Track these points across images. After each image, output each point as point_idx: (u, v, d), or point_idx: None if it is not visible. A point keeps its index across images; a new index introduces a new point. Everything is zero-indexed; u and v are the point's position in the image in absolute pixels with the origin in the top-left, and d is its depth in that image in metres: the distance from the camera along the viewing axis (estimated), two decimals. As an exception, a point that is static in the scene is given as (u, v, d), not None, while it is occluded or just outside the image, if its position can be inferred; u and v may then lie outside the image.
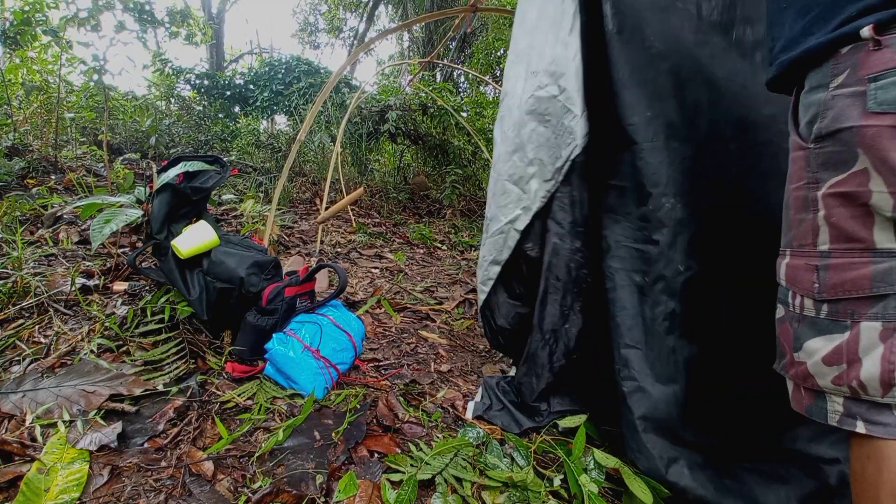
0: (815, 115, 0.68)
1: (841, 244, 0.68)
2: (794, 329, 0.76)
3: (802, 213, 0.73)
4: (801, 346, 0.74)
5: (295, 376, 1.34)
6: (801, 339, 0.74)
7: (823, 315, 0.71)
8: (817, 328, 0.72)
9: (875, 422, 0.67)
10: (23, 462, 0.96)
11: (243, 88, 8.00)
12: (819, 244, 0.71)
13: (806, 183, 0.71)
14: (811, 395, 0.75)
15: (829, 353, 0.69)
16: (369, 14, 11.89)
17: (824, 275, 0.69)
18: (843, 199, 0.66)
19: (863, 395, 0.67)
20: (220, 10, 11.92)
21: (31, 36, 3.30)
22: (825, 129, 0.66)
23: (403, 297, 2.47)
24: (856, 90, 0.62)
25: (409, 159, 6.13)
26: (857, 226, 0.65)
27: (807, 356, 0.73)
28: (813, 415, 0.75)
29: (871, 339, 0.65)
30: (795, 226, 0.75)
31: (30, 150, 3.44)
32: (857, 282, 0.66)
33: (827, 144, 0.67)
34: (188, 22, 4.15)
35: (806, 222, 0.72)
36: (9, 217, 2.15)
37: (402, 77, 9.84)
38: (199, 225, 1.55)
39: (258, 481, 0.99)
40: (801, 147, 0.72)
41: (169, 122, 5.43)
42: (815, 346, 0.72)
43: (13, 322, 1.44)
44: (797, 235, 0.75)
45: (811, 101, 0.69)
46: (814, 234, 0.71)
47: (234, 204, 3.43)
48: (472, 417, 1.34)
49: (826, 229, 0.69)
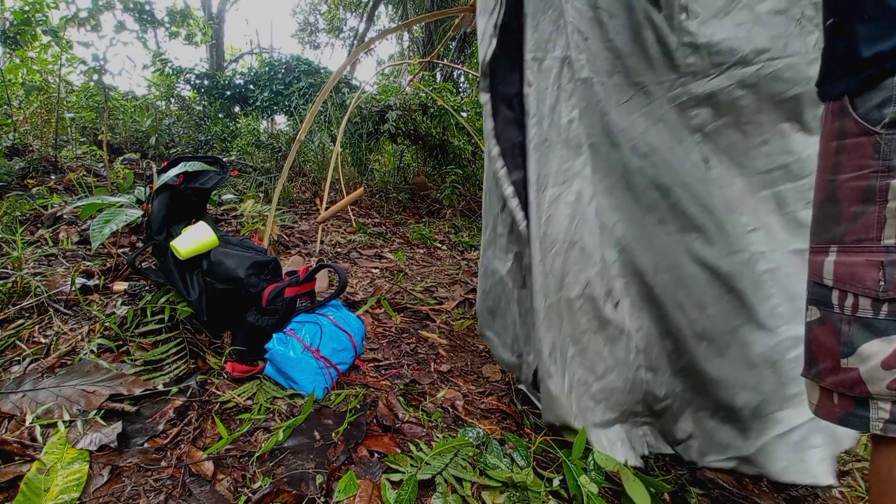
0: (889, 97, 0.63)
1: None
2: (844, 333, 0.70)
3: (861, 205, 0.67)
4: (853, 350, 0.69)
5: (295, 376, 1.34)
6: (855, 343, 0.69)
7: (884, 315, 0.66)
8: (875, 330, 0.67)
9: None
10: (23, 462, 0.96)
11: (243, 88, 7.99)
12: (885, 238, 0.65)
13: (871, 171, 0.66)
14: (850, 403, 0.71)
15: (890, 355, 0.65)
16: (369, 14, 11.89)
17: (892, 271, 0.64)
18: None
19: None
20: (220, 10, 11.92)
21: (31, 36, 3.31)
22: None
23: (403, 297, 2.47)
24: None
25: (409, 159, 6.13)
26: None
27: (860, 361, 0.68)
28: (849, 424, 0.71)
29: None
30: (849, 219, 0.69)
31: (30, 150, 3.44)
32: None
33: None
34: (188, 22, 4.15)
35: (867, 215, 0.67)
36: (9, 217, 2.15)
37: (402, 77, 9.84)
38: (198, 226, 1.55)
39: (258, 481, 0.99)
40: (864, 132, 0.66)
41: (169, 122, 5.43)
42: (873, 349, 0.67)
43: (13, 322, 1.44)
44: (853, 230, 0.69)
45: (883, 84, 0.64)
46: (878, 227, 0.66)
47: (233, 204, 3.43)
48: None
49: (895, 222, 0.64)
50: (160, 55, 6.79)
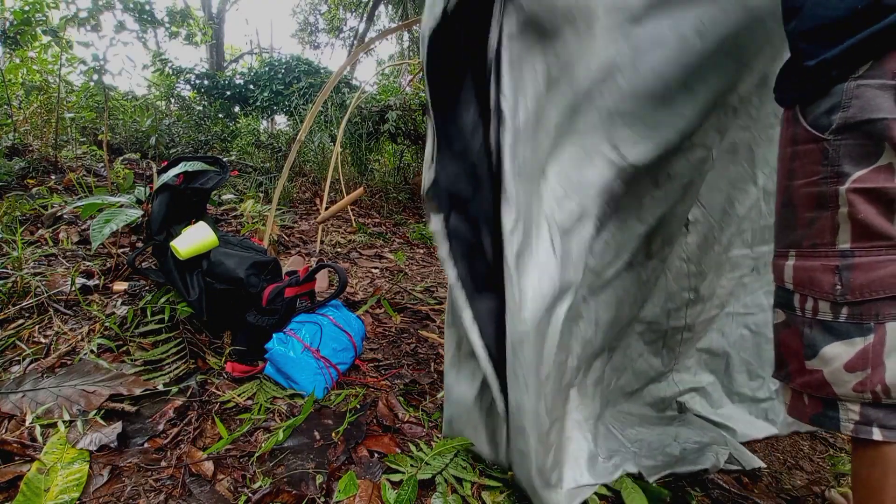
0: (836, 103, 0.63)
1: (865, 242, 0.64)
2: (807, 335, 0.71)
3: (815, 211, 0.68)
4: (815, 353, 0.69)
5: (295, 376, 1.34)
6: (817, 345, 0.69)
7: (843, 318, 0.66)
8: (835, 333, 0.67)
9: (892, 426, 0.65)
10: (23, 462, 0.96)
11: (243, 88, 7.99)
12: (839, 243, 0.66)
13: (822, 177, 0.66)
14: (819, 405, 0.71)
15: (852, 358, 0.66)
16: (369, 14, 11.88)
17: (847, 275, 0.65)
18: (871, 194, 0.62)
19: (884, 400, 0.65)
20: (220, 10, 11.92)
21: (31, 36, 3.31)
22: (851, 119, 0.62)
23: (403, 297, 2.47)
24: (883, 83, 0.59)
25: (409, 159, 6.13)
26: (884, 223, 0.62)
27: (823, 364, 0.69)
28: (821, 424, 0.72)
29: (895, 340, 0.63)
30: (805, 225, 0.70)
31: (30, 150, 3.44)
32: (885, 281, 0.62)
33: (848, 136, 0.63)
34: (188, 22, 4.15)
35: (821, 220, 0.67)
36: (9, 217, 2.15)
37: (402, 77, 9.83)
38: (198, 226, 1.55)
39: (258, 481, 0.99)
40: (813, 139, 0.66)
41: (169, 122, 5.42)
42: (835, 352, 0.67)
43: (13, 322, 1.44)
44: (809, 235, 0.70)
45: (832, 91, 0.64)
46: (832, 232, 0.66)
47: (233, 204, 3.43)
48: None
49: (847, 227, 0.65)
50: (160, 55, 6.79)
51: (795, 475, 1.33)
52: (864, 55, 0.60)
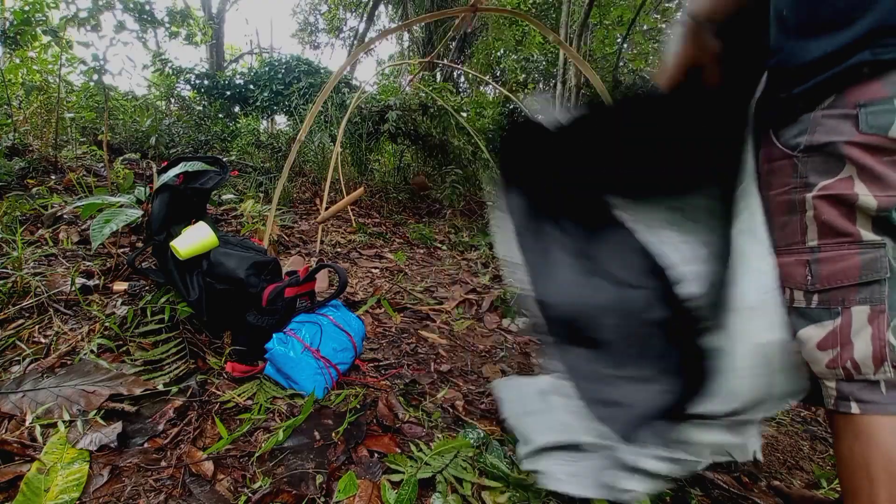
0: (805, 129, 0.76)
1: (830, 239, 0.76)
2: (790, 321, 0.82)
3: (787, 216, 0.81)
4: (795, 335, 0.81)
5: (295, 376, 1.34)
6: (795, 328, 0.81)
7: (815, 305, 0.78)
8: (809, 317, 0.79)
9: (866, 400, 0.74)
10: (23, 462, 0.96)
11: (243, 88, 7.99)
12: (808, 241, 0.78)
13: (792, 187, 0.79)
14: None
15: (823, 338, 0.77)
16: (369, 14, 11.88)
17: (816, 267, 0.77)
18: (833, 200, 0.74)
19: (856, 376, 0.74)
20: (220, 10, 11.92)
21: (31, 36, 3.30)
22: (816, 142, 0.74)
23: (403, 297, 2.47)
24: (845, 112, 0.71)
25: (409, 159, 6.13)
26: (845, 222, 0.74)
27: (801, 344, 0.80)
28: (809, 400, 0.83)
29: (861, 321, 0.73)
30: (780, 227, 0.83)
31: (30, 150, 3.44)
32: (848, 271, 0.74)
33: (815, 154, 0.75)
34: (188, 22, 4.15)
35: (792, 223, 0.80)
36: (9, 217, 2.15)
37: (402, 77, 9.84)
38: (197, 226, 1.55)
39: (258, 481, 0.99)
40: (785, 156, 0.80)
41: (169, 122, 5.42)
42: (809, 333, 0.78)
43: (13, 322, 1.44)
44: (783, 236, 0.82)
45: (801, 119, 0.77)
46: (802, 232, 0.79)
47: (233, 204, 3.43)
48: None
49: (814, 227, 0.77)
50: (160, 55, 6.79)
51: (795, 475, 1.33)
52: (829, 90, 0.73)
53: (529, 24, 4.80)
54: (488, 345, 2.00)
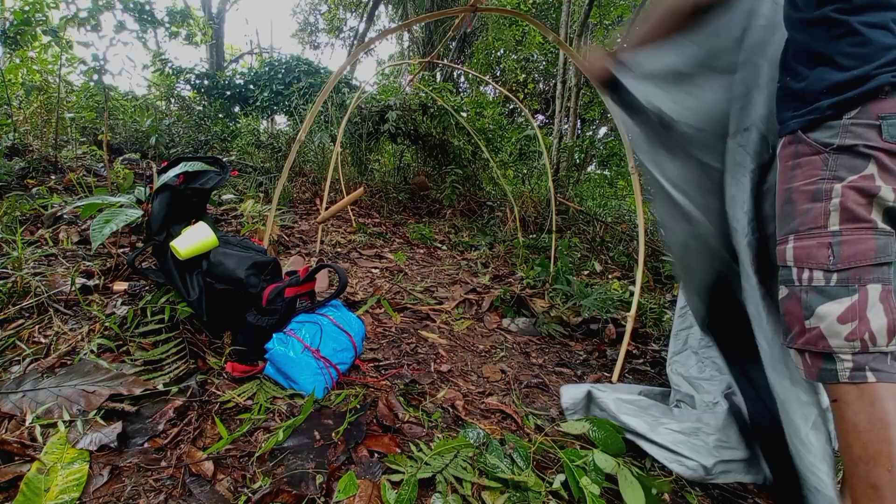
0: (836, 133, 0.88)
1: (850, 224, 0.86)
2: (804, 300, 0.90)
3: (811, 203, 0.90)
4: (812, 312, 0.89)
5: (295, 376, 1.34)
6: (812, 306, 0.89)
7: (834, 283, 0.87)
8: (828, 295, 0.87)
9: (881, 370, 0.83)
10: (23, 462, 0.96)
11: (243, 88, 7.99)
12: (829, 226, 0.88)
13: (821, 178, 0.89)
14: (821, 360, 0.89)
15: (843, 312, 0.85)
16: (369, 14, 11.88)
17: (838, 249, 0.87)
18: (859, 191, 0.86)
19: (871, 348, 0.84)
20: (220, 10, 11.91)
21: (31, 36, 3.31)
22: (846, 143, 0.87)
23: (403, 297, 2.47)
24: (869, 122, 0.84)
25: (409, 159, 6.13)
26: (865, 211, 0.85)
27: (819, 320, 0.88)
28: (824, 378, 0.89)
29: (875, 298, 0.84)
30: (802, 214, 0.92)
31: (30, 150, 3.44)
32: (866, 253, 0.85)
33: (845, 153, 0.87)
34: (188, 22, 4.15)
35: (815, 209, 0.89)
36: (9, 217, 2.15)
37: (402, 77, 9.84)
38: (197, 226, 1.55)
39: (258, 481, 0.99)
40: (816, 152, 0.90)
41: (169, 122, 5.42)
42: (828, 309, 0.87)
43: (13, 322, 1.44)
44: (805, 222, 0.91)
45: (830, 124, 0.89)
46: (825, 217, 0.88)
47: (233, 204, 3.43)
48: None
49: (837, 213, 0.87)
50: (160, 55, 6.79)
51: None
52: (855, 104, 0.86)
53: (529, 24, 4.80)
54: (488, 345, 2.00)
